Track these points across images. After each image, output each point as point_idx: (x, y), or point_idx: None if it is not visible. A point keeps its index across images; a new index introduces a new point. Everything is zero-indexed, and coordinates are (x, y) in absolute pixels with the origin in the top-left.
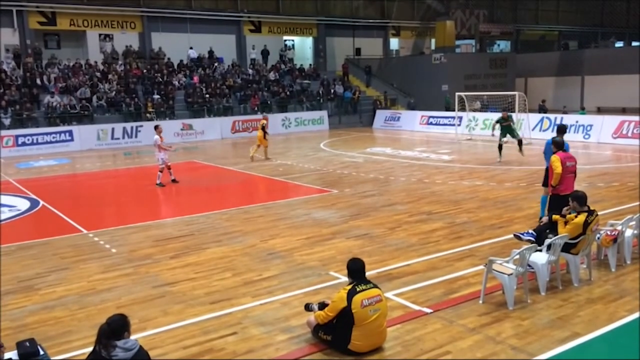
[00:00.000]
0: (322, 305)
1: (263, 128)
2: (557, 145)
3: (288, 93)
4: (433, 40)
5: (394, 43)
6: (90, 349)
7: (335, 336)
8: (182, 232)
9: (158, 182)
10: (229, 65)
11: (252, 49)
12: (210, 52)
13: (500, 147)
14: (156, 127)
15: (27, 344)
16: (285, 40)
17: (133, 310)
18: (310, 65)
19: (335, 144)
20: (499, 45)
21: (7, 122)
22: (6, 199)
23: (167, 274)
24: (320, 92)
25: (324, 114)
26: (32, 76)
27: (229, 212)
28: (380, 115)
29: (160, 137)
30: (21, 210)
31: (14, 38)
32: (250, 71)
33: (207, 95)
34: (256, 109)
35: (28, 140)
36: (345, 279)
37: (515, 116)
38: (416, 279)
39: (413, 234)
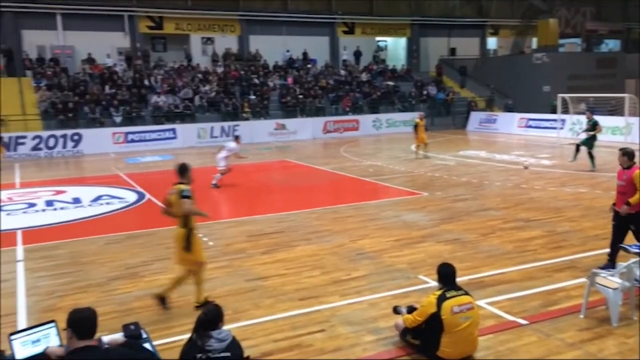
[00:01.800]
0: (411, 309)
1: (416, 126)
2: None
3: (380, 94)
4: (534, 39)
5: (492, 42)
6: (188, 335)
7: (423, 341)
8: (273, 229)
9: (214, 182)
10: (322, 67)
11: (344, 50)
12: (304, 54)
13: (577, 148)
14: (237, 137)
15: (132, 327)
16: (378, 41)
17: (227, 302)
18: (403, 66)
19: (428, 146)
20: (607, 44)
21: (118, 120)
22: (116, 192)
23: (259, 268)
24: (413, 93)
25: (416, 115)
26: (140, 77)
27: (318, 211)
28: (475, 117)
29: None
30: (129, 202)
31: (125, 41)
32: (343, 72)
33: (301, 96)
34: (347, 109)
35: (136, 137)
36: (434, 283)
37: (624, 120)
38: (511, 288)
39: (508, 241)
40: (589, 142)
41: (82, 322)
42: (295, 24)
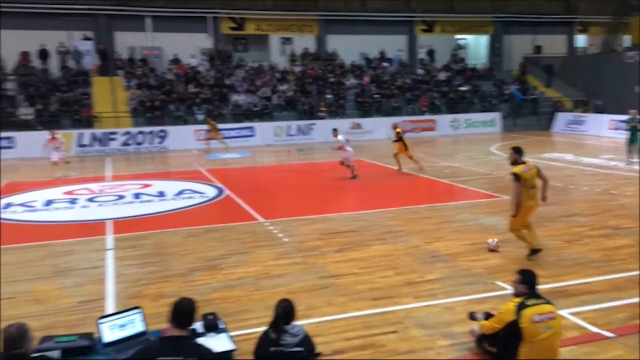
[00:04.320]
0: (488, 316)
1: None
2: None
3: (458, 94)
4: (627, 37)
5: (580, 40)
6: (263, 328)
7: (501, 349)
8: (347, 228)
9: (354, 174)
10: (399, 66)
11: (421, 49)
12: (381, 53)
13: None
14: (335, 130)
15: (210, 317)
16: (457, 39)
17: (300, 298)
18: (484, 64)
19: (507, 147)
20: None
21: (200, 117)
22: (197, 187)
23: (332, 266)
24: (494, 92)
25: (496, 115)
26: (222, 77)
27: (393, 211)
28: (561, 118)
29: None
30: (209, 197)
31: (209, 42)
32: (420, 71)
33: (377, 95)
34: (424, 109)
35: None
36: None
37: None
38: (597, 298)
39: (595, 249)
40: (633, 132)
41: (180, 312)
42: (373, 22)
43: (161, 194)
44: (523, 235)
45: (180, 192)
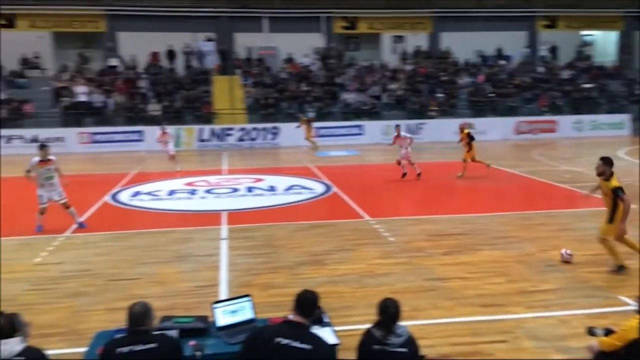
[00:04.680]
0: (608, 332)
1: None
2: None
3: (583, 93)
4: None
5: None
6: (366, 325)
7: None
8: (456, 230)
9: (407, 172)
10: (518, 63)
11: (542, 46)
12: (498, 50)
13: None
14: (398, 126)
15: (316, 310)
16: (583, 36)
17: (405, 298)
18: (613, 62)
19: (637, 152)
20: None
21: (311, 115)
22: (306, 183)
23: (440, 269)
24: (623, 93)
25: (625, 117)
26: (333, 76)
27: (507, 216)
28: None
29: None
30: (317, 194)
31: (321, 41)
32: (541, 69)
33: (492, 94)
34: (544, 109)
35: (326, 132)
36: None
37: None
38: None
39: None
40: None
41: (303, 302)
42: (490, 19)
43: (272, 189)
44: (612, 246)
45: (290, 188)
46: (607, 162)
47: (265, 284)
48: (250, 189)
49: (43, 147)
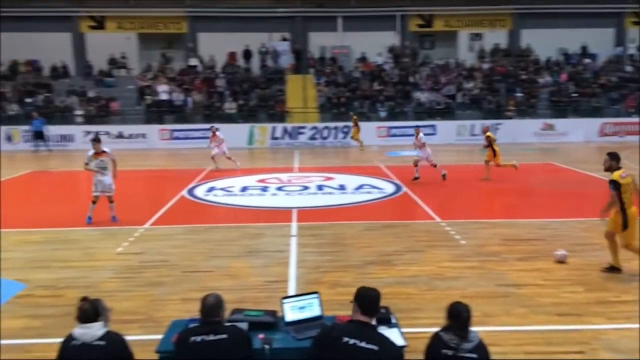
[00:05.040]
0: None
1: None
2: None
3: None
4: None
5: None
6: (434, 329)
7: None
8: (532, 235)
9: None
10: (603, 62)
11: (631, 43)
12: (583, 48)
13: None
14: (417, 127)
15: (383, 310)
16: None
17: (476, 303)
18: None
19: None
20: None
21: (383, 114)
22: (376, 182)
23: (513, 275)
24: None
25: None
26: (406, 75)
27: (587, 222)
28: None
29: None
30: (387, 193)
31: (396, 40)
32: (629, 68)
33: (575, 94)
34: (631, 110)
35: (398, 131)
36: None
37: None
38: None
39: None
40: None
41: (367, 300)
42: (575, 15)
43: (342, 187)
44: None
45: (360, 187)
46: (613, 156)
47: (333, 282)
48: (320, 187)
49: (96, 140)
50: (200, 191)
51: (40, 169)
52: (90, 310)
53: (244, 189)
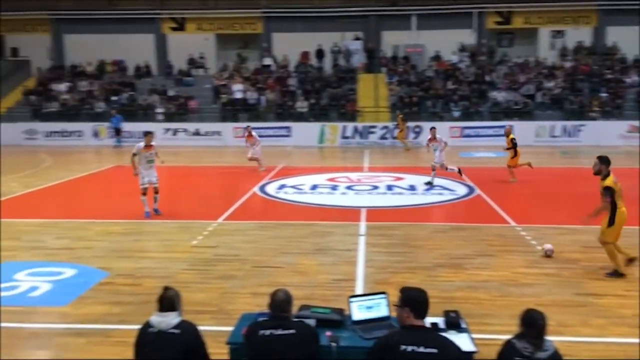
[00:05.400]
0: None
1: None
2: None
3: None
4: None
5: None
6: (506, 336)
7: None
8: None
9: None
10: None
11: None
12: None
13: None
14: (433, 128)
15: (453, 314)
16: None
17: (551, 312)
18: None
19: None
20: None
21: (456, 114)
22: (448, 183)
23: (593, 283)
24: None
25: None
26: (482, 73)
27: None
28: None
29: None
30: (459, 195)
31: (471, 38)
32: None
33: None
34: None
35: (472, 132)
36: None
37: None
38: None
39: None
40: None
41: (421, 303)
42: None
43: (412, 188)
44: (613, 250)
45: (431, 188)
46: (603, 160)
47: (401, 282)
48: (390, 187)
49: (148, 133)
50: (271, 188)
51: (122, 163)
52: (169, 300)
53: (314, 187)
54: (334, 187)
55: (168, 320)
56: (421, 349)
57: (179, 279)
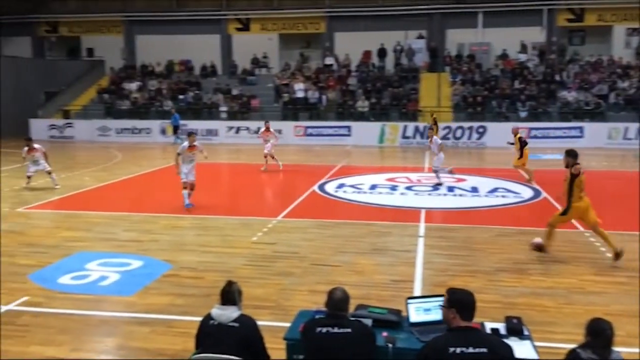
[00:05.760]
0: None
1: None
2: None
3: None
4: None
5: None
6: (570, 345)
7: None
8: None
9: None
10: None
11: None
12: None
13: None
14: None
15: (515, 320)
16: None
17: (620, 322)
18: None
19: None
20: None
21: (523, 114)
22: (512, 186)
23: None
24: None
25: None
26: (552, 73)
27: None
28: None
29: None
30: (524, 198)
31: (541, 36)
32: None
33: None
34: None
35: (539, 133)
36: None
37: None
38: None
39: None
40: None
41: (468, 305)
42: None
43: (474, 190)
44: (552, 233)
45: (494, 190)
46: (570, 154)
47: (460, 286)
48: (451, 189)
49: (191, 134)
50: (330, 187)
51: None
52: (230, 294)
53: (373, 187)
54: (394, 187)
55: (228, 314)
56: (470, 350)
57: (239, 273)
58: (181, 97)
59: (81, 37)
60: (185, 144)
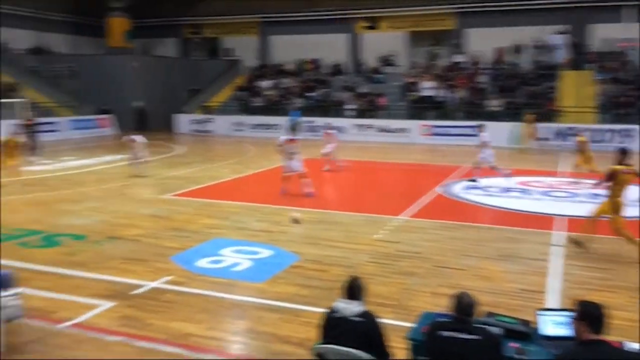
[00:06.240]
0: None
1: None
2: None
3: None
4: None
5: None
6: None
7: None
8: None
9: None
10: None
11: None
12: None
13: None
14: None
15: None
16: None
17: None
18: None
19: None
20: None
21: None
22: None
23: None
24: None
25: None
26: None
27: None
28: None
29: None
30: None
31: None
32: None
33: None
34: None
35: None
36: None
37: None
38: None
39: None
40: None
41: (597, 318)
42: None
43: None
44: (629, 234)
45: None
46: (622, 152)
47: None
48: (594, 196)
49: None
50: (455, 188)
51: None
52: (355, 289)
53: (503, 189)
54: (526, 192)
55: (352, 308)
56: None
57: (362, 270)
58: (310, 94)
59: (221, 38)
60: (283, 137)
